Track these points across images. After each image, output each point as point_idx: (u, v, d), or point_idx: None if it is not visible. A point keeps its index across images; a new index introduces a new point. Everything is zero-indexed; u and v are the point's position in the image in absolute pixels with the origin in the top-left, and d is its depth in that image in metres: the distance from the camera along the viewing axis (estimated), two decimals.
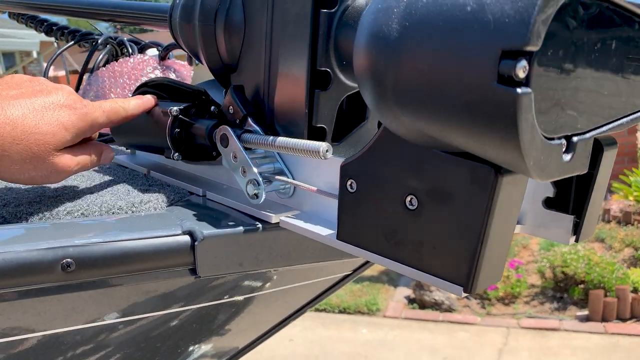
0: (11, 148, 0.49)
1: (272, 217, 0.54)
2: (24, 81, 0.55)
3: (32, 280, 0.47)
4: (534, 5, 0.24)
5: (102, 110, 0.57)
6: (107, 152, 0.61)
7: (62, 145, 0.52)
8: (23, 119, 0.49)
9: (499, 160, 0.30)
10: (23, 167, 0.50)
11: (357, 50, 0.33)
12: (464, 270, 0.38)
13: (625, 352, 3.06)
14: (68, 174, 0.54)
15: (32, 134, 0.50)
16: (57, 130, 0.51)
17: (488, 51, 0.25)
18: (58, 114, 0.52)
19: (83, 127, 0.54)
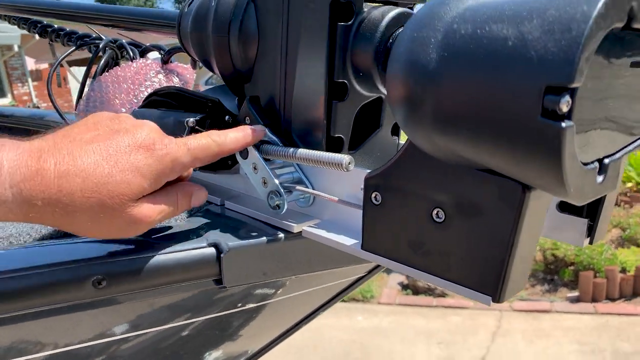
0: (82, 203, 0.43)
1: (294, 227, 0.55)
2: (103, 120, 0.49)
3: (64, 298, 0.48)
4: (578, 44, 0.25)
5: (187, 149, 0.49)
6: (199, 194, 0.53)
7: (139, 194, 0.46)
8: (95, 167, 0.44)
9: (537, 184, 0.31)
10: (97, 222, 0.45)
11: (392, 76, 0.34)
12: (493, 280, 0.40)
13: (615, 331, 3.13)
14: (149, 225, 0.48)
15: (105, 184, 0.44)
16: (132, 178, 0.45)
17: (533, 87, 0.26)
18: (134, 158, 0.45)
19: (163, 172, 0.47)
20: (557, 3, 0.27)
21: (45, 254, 0.49)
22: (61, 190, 0.42)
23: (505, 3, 0.30)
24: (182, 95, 0.68)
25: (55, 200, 0.42)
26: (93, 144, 0.45)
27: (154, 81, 0.97)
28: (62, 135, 0.46)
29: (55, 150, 0.44)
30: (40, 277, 0.46)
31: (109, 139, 0.46)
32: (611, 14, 0.26)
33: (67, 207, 0.43)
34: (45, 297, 0.47)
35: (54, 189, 0.42)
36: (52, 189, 0.42)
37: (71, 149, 0.44)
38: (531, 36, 0.27)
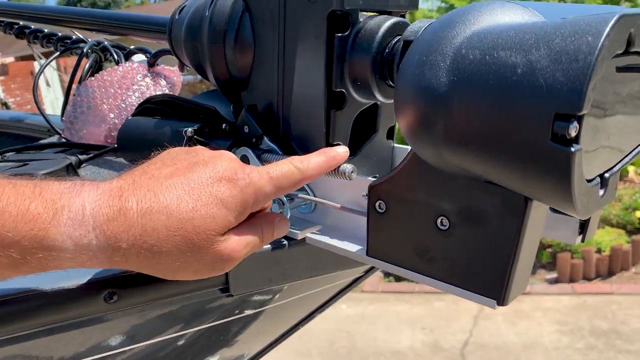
0: (168, 241, 0.41)
1: (298, 234, 0.56)
2: (179, 154, 0.47)
3: (77, 314, 0.49)
4: (585, 75, 0.27)
5: (270, 177, 0.46)
6: (282, 224, 0.51)
7: (226, 228, 0.44)
8: (178, 203, 0.42)
9: (545, 202, 0.33)
10: (184, 261, 0.42)
11: (403, 97, 0.36)
12: (497, 285, 0.42)
13: (593, 310, 3.23)
14: (237, 260, 0.45)
15: (190, 219, 0.42)
16: (217, 212, 0.43)
17: (543, 114, 0.28)
18: (217, 190, 0.43)
19: (247, 203, 0.45)
20: (563, 32, 0.29)
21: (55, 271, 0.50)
22: (145, 230, 0.41)
23: (511, 29, 0.32)
24: (176, 104, 0.68)
25: (140, 241, 0.41)
26: (173, 178, 0.43)
27: (141, 85, 0.97)
28: (140, 173, 0.44)
29: (136, 188, 0.42)
30: (52, 295, 0.47)
31: (189, 173, 0.44)
32: (614, 43, 0.28)
33: (152, 248, 0.41)
34: (59, 314, 0.48)
35: (138, 229, 0.40)
36: (136, 229, 0.40)
37: (151, 185, 0.43)
38: (539, 65, 0.29)
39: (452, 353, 2.92)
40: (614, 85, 0.34)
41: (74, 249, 0.39)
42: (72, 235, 0.39)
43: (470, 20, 0.35)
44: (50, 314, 0.47)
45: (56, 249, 0.39)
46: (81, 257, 0.40)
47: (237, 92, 0.65)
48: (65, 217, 0.39)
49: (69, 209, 0.39)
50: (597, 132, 0.32)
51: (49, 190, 0.40)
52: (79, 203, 0.40)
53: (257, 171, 0.46)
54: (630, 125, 0.39)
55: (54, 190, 0.40)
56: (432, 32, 0.36)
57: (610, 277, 3.58)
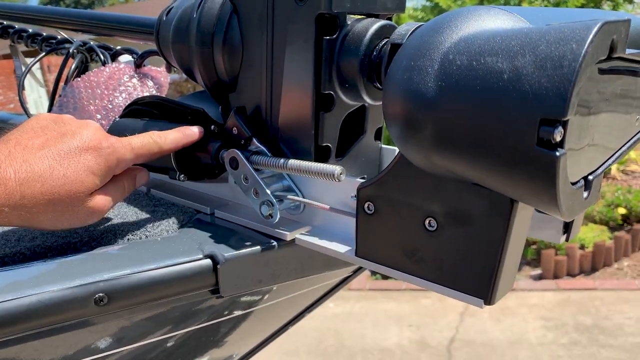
0: (44, 204, 0.48)
1: (287, 235, 0.57)
2: (48, 123, 0.53)
3: (68, 317, 0.49)
4: (569, 81, 0.28)
5: (131, 147, 0.55)
6: (142, 175, 0.60)
7: (93, 189, 0.52)
8: (51, 171, 0.49)
9: (531, 204, 0.34)
10: (61, 217, 0.50)
11: (391, 101, 0.36)
12: (484, 285, 0.43)
13: (577, 305, 3.27)
14: (105, 212, 0.54)
15: (62, 185, 0.49)
16: (85, 177, 0.51)
17: (529, 119, 0.29)
18: (84, 158, 0.51)
19: (110, 168, 0.53)
20: (548, 39, 0.30)
21: (46, 274, 0.50)
22: (24, 196, 0.47)
23: (497, 35, 0.33)
24: (164, 105, 0.68)
25: (20, 205, 0.47)
26: (44, 149, 0.50)
27: (128, 86, 0.97)
28: (14, 144, 0.50)
29: (12, 160, 0.48)
30: (43, 299, 0.47)
31: (59, 143, 0.51)
32: (597, 50, 0.29)
33: (31, 209, 0.48)
34: (49, 317, 0.48)
35: (17, 195, 0.47)
36: (15, 195, 0.47)
37: (26, 156, 0.49)
38: (525, 71, 0.29)
39: (438, 350, 2.95)
40: (597, 85, 0.35)
41: None
42: None
43: (457, 26, 0.35)
44: (41, 317, 0.47)
45: None
46: None
47: (226, 94, 0.66)
48: None
49: None
50: (582, 130, 0.33)
51: None
52: None
53: (119, 142, 0.54)
54: (614, 123, 0.40)
55: None
56: (420, 37, 0.36)
57: (593, 273, 3.63)
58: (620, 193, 4.22)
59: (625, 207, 4.06)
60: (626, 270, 3.66)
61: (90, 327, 0.52)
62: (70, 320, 0.49)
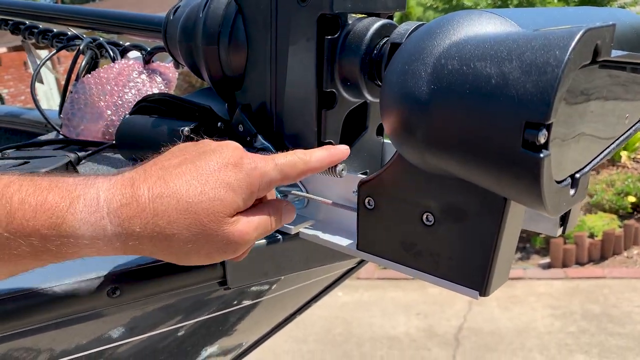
0: (178, 223, 0.43)
1: (292, 228, 0.59)
2: (187, 146, 0.50)
3: (82, 309, 0.51)
4: (552, 87, 0.29)
5: (275, 164, 0.49)
6: (289, 209, 0.53)
7: (234, 210, 0.46)
8: (187, 187, 0.44)
9: (519, 201, 0.36)
10: (195, 244, 0.44)
11: (387, 103, 0.38)
12: (479, 277, 0.45)
13: (585, 294, 3.28)
14: (247, 243, 0.47)
15: (199, 202, 0.44)
16: (225, 194, 0.45)
17: (514, 122, 0.31)
18: (224, 174, 0.45)
19: (253, 186, 0.47)
20: (533, 45, 0.31)
21: (60, 268, 0.52)
22: (157, 213, 0.43)
23: (487, 41, 0.34)
24: (173, 102, 0.70)
25: (152, 224, 0.43)
26: (182, 167, 0.46)
27: (137, 82, 0.99)
28: (151, 164, 0.47)
29: (147, 177, 0.44)
30: (59, 291, 0.49)
31: (197, 161, 0.46)
32: (580, 56, 0.31)
33: (164, 230, 0.43)
34: (65, 309, 0.50)
35: (149, 212, 0.43)
36: (148, 213, 0.43)
37: (161, 174, 0.45)
38: (512, 76, 0.31)
39: (446, 338, 2.97)
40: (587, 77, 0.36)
41: (90, 235, 0.41)
42: (87, 221, 0.41)
43: (450, 31, 0.37)
44: (57, 309, 0.50)
45: (74, 235, 0.41)
46: (97, 243, 0.42)
47: (231, 92, 0.67)
48: (81, 205, 0.41)
49: (84, 197, 0.42)
50: (568, 138, 0.34)
51: (65, 183, 0.43)
52: (93, 192, 0.42)
53: (262, 158, 0.49)
54: (602, 120, 0.42)
55: (69, 183, 0.43)
56: (415, 41, 0.38)
57: (602, 262, 3.64)
58: (631, 181, 4.20)
59: (635, 195, 4.04)
60: (636, 258, 3.66)
61: (103, 317, 0.54)
62: (84, 311, 0.51)
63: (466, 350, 2.86)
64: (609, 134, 0.42)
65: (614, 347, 2.78)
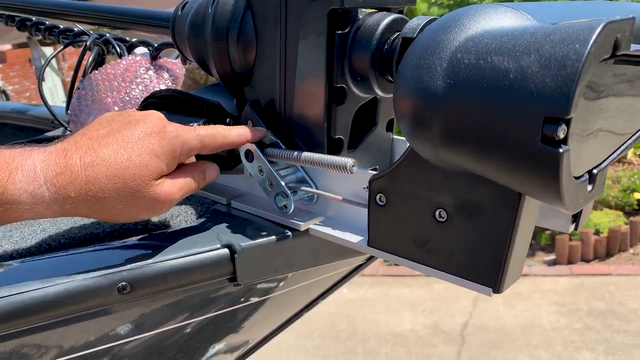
0: (109, 187, 0.48)
1: (301, 225, 0.58)
2: (114, 117, 0.54)
3: (93, 305, 0.51)
4: (572, 81, 0.29)
5: (196, 134, 0.54)
6: (211, 170, 0.58)
7: (158, 174, 0.50)
8: (115, 155, 0.48)
9: (536, 197, 0.35)
10: (126, 205, 0.49)
11: (402, 98, 0.37)
12: (493, 274, 0.44)
13: (590, 291, 3.27)
14: (173, 202, 0.52)
15: (126, 168, 0.48)
16: (149, 160, 0.49)
17: (534, 117, 0.30)
18: (148, 142, 0.50)
19: (175, 152, 0.52)
20: (552, 39, 0.31)
21: (72, 265, 0.52)
22: (89, 180, 0.47)
23: (504, 35, 0.34)
24: (181, 98, 0.70)
25: (85, 190, 0.47)
26: (109, 136, 0.50)
27: (145, 78, 0.99)
28: (80, 135, 0.51)
29: (78, 147, 0.49)
30: (70, 288, 0.49)
31: (123, 130, 0.51)
32: (600, 49, 0.30)
33: (97, 194, 0.48)
34: (76, 305, 0.50)
35: (82, 179, 0.47)
36: (81, 180, 0.47)
37: (91, 144, 0.49)
38: (530, 70, 0.30)
39: (452, 335, 2.97)
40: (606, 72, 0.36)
41: (30, 201, 0.46)
42: (27, 190, 0.46)
43: (466, 25, 0.36)
44: (68, 305, 0.50)
45: (14, 202, 0.46)
46: (37, 208, 0.47)
47: (240, 88, 0.67)
48: (20, 175, 0.46)
49: (22, 168, 0.46)
50: (587, 133, 0.34)
51: (2, 156, 0.47)
52: (30, 163, 0.47)
53: (184, 127, 0.54)
54: (618, 116, 0.41)
55: (7, 155, 0.47)
56: (429, 35, 0.37)
57: (608, 259, 3.62)
58: (637, 178, 4.18)
59: None
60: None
61: (114, 314, 0.54)
62: (95, 307, 0.51)
63: (472, 347, 2.85)
64: (625, 129, 0.41)
65: (620, 344, 2.77)
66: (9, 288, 0.48)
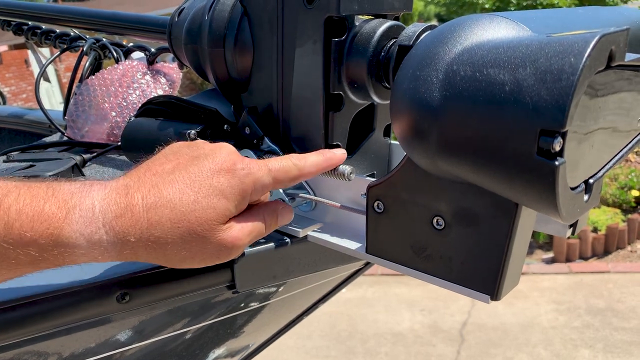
0: (173, 233, 0.43)
1: (300, 232, 0.58)
2: (181, 149, 0.49)
3: (92, 314, 0.51)
4: (568, 94, 0.29)
5: (268, 169, 0.49)
6: (285, 211, 0.53)
7: (226, 217, 0.46)
8: (181, 196, 0.44)
9: (533, 207, 0.35)
10: (190, 251, 0.45)
11: (397, 109, 0.38)
12: (491, 281, 0.44)
13: (589, 288, 3.28)
14: (241, 247, 0.47)
15: (192, 211, 0.44)
16: (217, 202, 0.45)
17: (529, 129, 0.30)
18: (216, 181, 0.46)
19: (245, 192, 0.47)
20: (547, 52, 0.31)
21: (71, 273, 0.52)
22: (151, 224, 0.43)
23: (499, 46, 0.34)
24: (178, 105, 0.70)
25: (147, 234, 0.43)
26: (175, 173, 0.45)
27: (142, 83, 0.99)
28: (144, 170, 0.47)
29: (141, 185, 0.44)
30: (68, 297, 0.49)
31: (190, 166, 0.46)
32: (595, 62, 0.30)
33: (158, 240, 0.43)
34: (75, 315, 0.50)
35: (144, 223, 0.43)
36: (142, 223, 0.43)
37: (155, 181, 0.45)
38: (526, 83, 0.31)
39: (451, 334, 2.97)
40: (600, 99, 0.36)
41: (86, 245, 0.42)
42: (84, 232, 0.41)
43: (461, 36, 0.37)
44: (67, 314, 0.50)
45: (70, 245, 0.41)
46: (93, 252, 0.42)
47: (237, 94, 0.67)
48: (77, 215, 0.41)
49: (80, 207, 0.42)
50: (582, 144, 0.34)
51: (61, 191, 0.43)
52: (89, 202, 0.42)
53: (256, 163, 0.48)
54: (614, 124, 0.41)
55: (65, 191, 0.43)
56: (426, 46, 0.38)
57: (606, 256, 3.63)
58: (634, 175, 4.19)
59: (638, 189, 4.03)
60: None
61: (113, 322, 0.54)
62: (94, 317, 0.51)
63: (471, 345, 2.86)
64: (620, 139, 0.41)
65: (619, 341, 2.78)
66: (7, 298, 0.48)
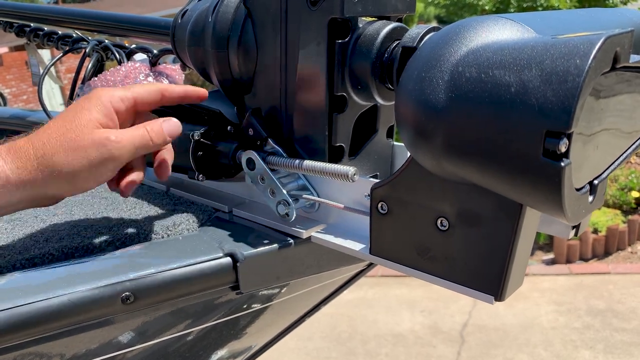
0: (53, 143, 0.51)
1: (303, 233, 0.59)
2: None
3: (96, 315, 0.51)
4: (573, 96, 0.29)
5: (126, 89, 0.58)
6: (170, 123, 0.58)
7: (96, 123, 0.53)
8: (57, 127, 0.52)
9: (538, 209, 0.35)
10: (75, 155, 0.51)
11: (403, 110, 0.38)
12: (495, 282, 0.45)
13: (589, 289, 3.28)
14: (122, 149, 0.53)
15: (68, 131, 0.52)
16: (83, 115, 0.53)
17: (535, 131, 0.30)
18: (81, 108, 0.54)
19: (105, 102, 0.54)
20: (553, 54, 0.31)
21: (75, 275, 0.52)
22: (36, 147, 0.51)
23: (505, 48, 0.34)
24: (182, 106, 0.70)
25: (34, 154, 0.51)
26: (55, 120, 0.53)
27: (144, 84, 0.98)
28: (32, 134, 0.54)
29: (29, 136, 0.53)
30: (73, 299, 0.49)
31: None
32: (601, 64, 0.30)
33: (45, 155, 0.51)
34: (79, 316, 0.50)
35: (30, 149, 0.51)
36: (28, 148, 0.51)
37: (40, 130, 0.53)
38: (532, 84, 0.31)
39: (451, 335, 2.97)
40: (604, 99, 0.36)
41: None
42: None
43: (467, 37, 0.37)
44: (71, 316, 0.50)
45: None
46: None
47: (241, 96, 0.67)
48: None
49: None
50: (588, 145, 0.34)
51: None
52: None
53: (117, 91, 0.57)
54: (618, 125, 0.41)
55: None
56: (431, 47, 0.38)
57: (606, 257, 3.63)
58: (634, 176, 4.19)
59: (639, 190, 4.03)
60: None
61: (117, 324, 0.54)
62: (98, 318, 0.51)
63: (471, 346, 2.86)
64: (624, 140, 0.41)
65: (619, 342, 2.78)
66: (12, 299, 0.48)
